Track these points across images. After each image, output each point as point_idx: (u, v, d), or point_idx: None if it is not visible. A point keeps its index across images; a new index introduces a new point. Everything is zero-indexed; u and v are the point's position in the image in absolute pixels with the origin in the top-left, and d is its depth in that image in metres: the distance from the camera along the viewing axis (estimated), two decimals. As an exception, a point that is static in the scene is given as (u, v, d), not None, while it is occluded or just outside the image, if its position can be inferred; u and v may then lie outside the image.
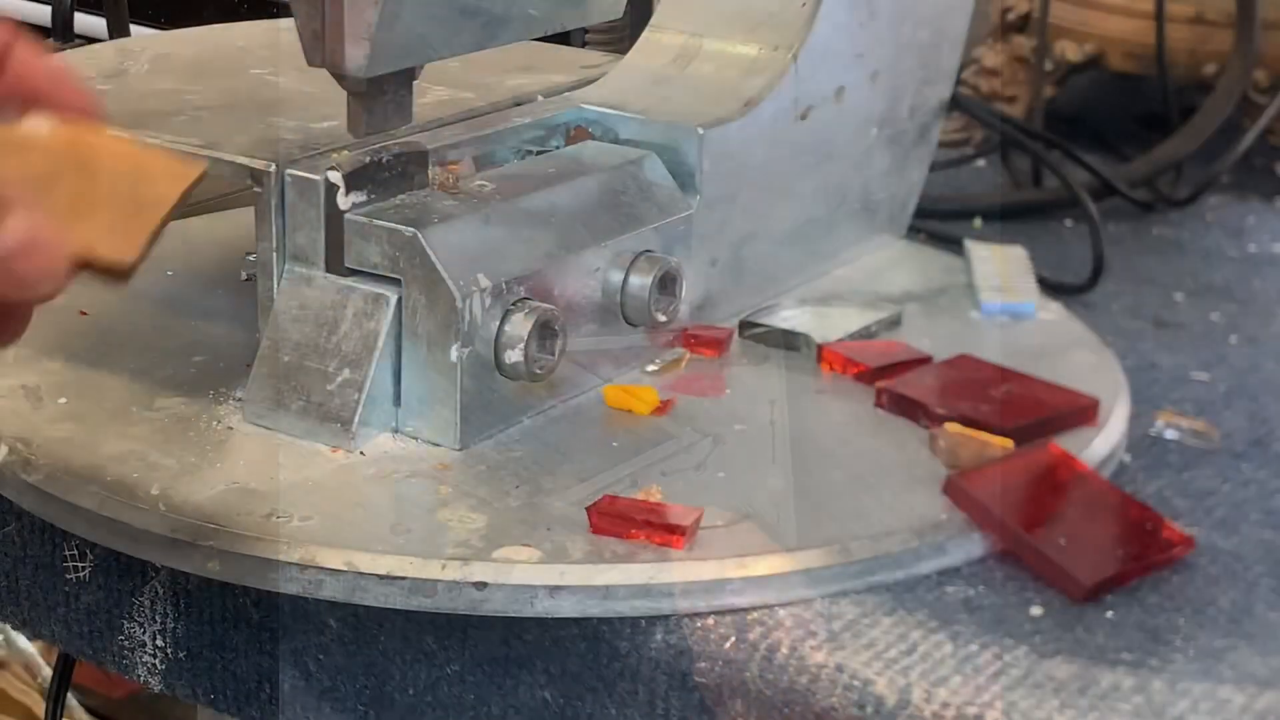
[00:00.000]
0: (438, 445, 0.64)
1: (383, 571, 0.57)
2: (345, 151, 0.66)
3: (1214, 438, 0.73)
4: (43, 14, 1.08)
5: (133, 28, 1.09)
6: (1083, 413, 0.69)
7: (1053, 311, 0.82)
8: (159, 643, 0.64)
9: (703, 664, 0.57)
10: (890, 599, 0.60)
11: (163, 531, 0.59)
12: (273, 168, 0.65)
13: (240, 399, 0.66)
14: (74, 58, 0.84)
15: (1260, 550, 0.64)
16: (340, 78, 0.64)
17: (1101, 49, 1.15)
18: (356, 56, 0.62)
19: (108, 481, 0.61)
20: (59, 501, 0.62)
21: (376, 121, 0.65)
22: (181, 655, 0.64)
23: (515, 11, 0.69)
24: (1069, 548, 0.61)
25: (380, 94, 0.65)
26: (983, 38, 1.20)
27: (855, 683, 0.55)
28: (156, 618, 0.64)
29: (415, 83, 0.68)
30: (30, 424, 0.65)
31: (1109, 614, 0.59)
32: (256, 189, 0.66)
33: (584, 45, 1.02)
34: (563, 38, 1.04)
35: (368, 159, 0.65)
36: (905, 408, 0.69)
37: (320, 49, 0.62)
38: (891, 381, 0.70)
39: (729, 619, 0.58)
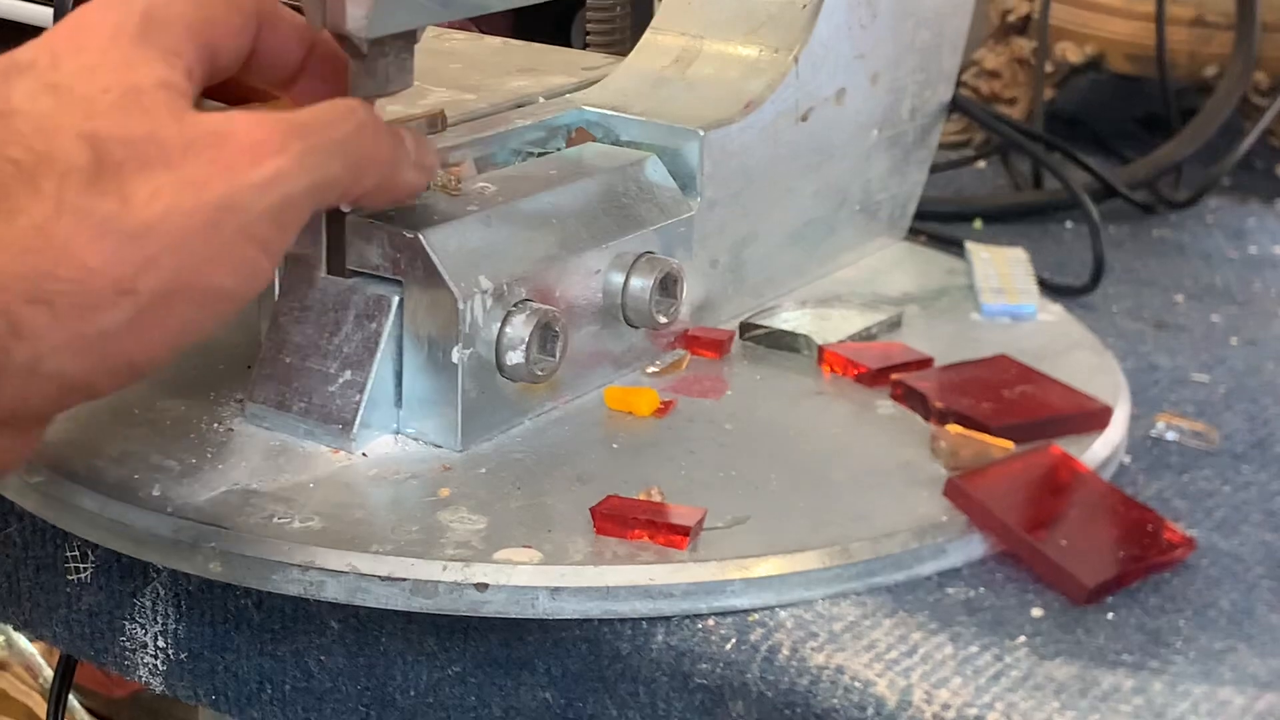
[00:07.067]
0: (439, 447, 0.64)
1: (384, 573, 0.57)
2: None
3: (1214, 439, 0.73)
4: (44, 15, 1.08)
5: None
6: (1095, 417, 0.69)
7: (1053, 313, 0.82)
8: (160, 644, 0.64)
9: (704, 665, 0.57)
10: (891, 600, 0.60)
11: (164, 533, 0.59)
12: (274, 169, 0.65)
13: (241, 400, 0.66)
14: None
15: (1261, 552, 0.64)
16: (341, 39, 0.64)
17: (1102, 51, 1.15)
18: (358, 17, 0.61)
19: (109, 483, 0.61)
20: (60, 503, 0.62)
21: (378, 83, 0.65)
22: (183, 656, 0.64)
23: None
24: (1070, 549, 0.61)
25: (382, 55, 0.64)
26: (983, 40, 1.20)
27: (856, 684, 0.55)
28: (158, 619, 0.64)
29: (416, 84, 0.68)
30: (32, 425, 0.65)
31: (1109, 615, 0.59)
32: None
33: (585, 47, 1.02)
34: (564, 39, 1.04)
35: (369, 160, 0.65)
36: (917, 404, 0.69)
37: (322, 9, 0.62)
38: (907, 376, 0.71)
39: (730, 620, 0.58)
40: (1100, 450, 0.68)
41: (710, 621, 0.58)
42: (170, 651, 0.64)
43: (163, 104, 0.53)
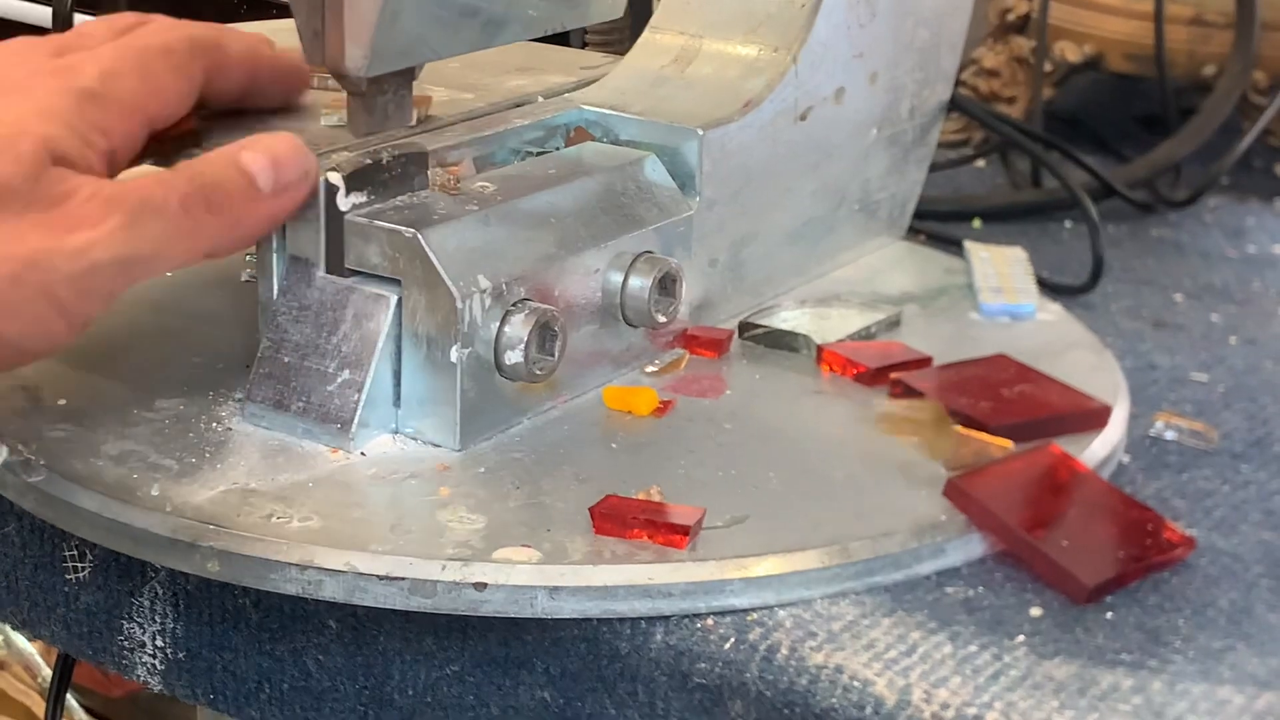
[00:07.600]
0: (437, 446, 0.64)
1: (382, 572, 0.57)
2: (345, 152, 0.66)
3: (1213, 439, 0.73)
4: (43, 14, 1.08)
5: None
6: (1094, 416, 0.69)
7: (1052, 312, 0.82)
8: (158, 643, 0.64)
9: (702, 665, 0.57)
10: (890, 600, 0.60)
11: (162, 532, 0.59)
12: (272, 168, 0.65)
13: (240, 400, 0.66)
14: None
15: (1259, 551, 0.64)
16: (340, 77, 0.64)
17: (1101, 50, 1.15)
18: (356, 56, 0.62)
19: (107, 482, 0.61)
20: (59, 502, 0.62)
21: (376, 121, 0.65)
22: (181, 655, 0.64)
23: (515, 12, 0.69)
24: (1069, 549, 0.61)
25: (380, 93, 0.65)
26: (982, 39, 1.20)
27: (855, 683, 0.55)
28: (156, 618, 0.64)
29: (415, 83, 0.68)
30: (30, 425, 0.65)
31: (1108, 615, 0.59)
32: (256, 190, 0.66)
33: (584, 46, 1.02)
34: (562, 39, 1.04)
35: (368, 160, 0.65)
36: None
37: (320, 48, 0.62)
38: (906, 375, 0.71)
39: (729, 620, 0.58)
40: (1099, 449, 0.68)
41: (709, 621, 0.58)
42: (168, 651, 0.64)
43: (31, 156, 0.55)
